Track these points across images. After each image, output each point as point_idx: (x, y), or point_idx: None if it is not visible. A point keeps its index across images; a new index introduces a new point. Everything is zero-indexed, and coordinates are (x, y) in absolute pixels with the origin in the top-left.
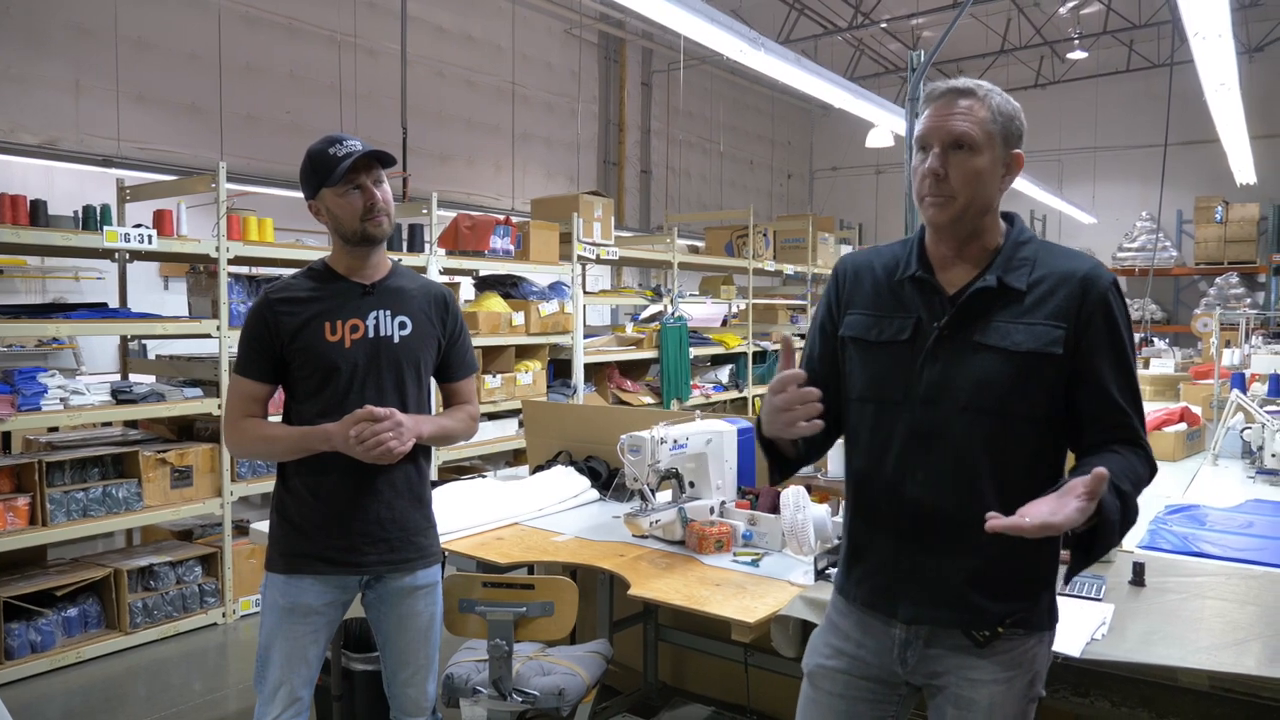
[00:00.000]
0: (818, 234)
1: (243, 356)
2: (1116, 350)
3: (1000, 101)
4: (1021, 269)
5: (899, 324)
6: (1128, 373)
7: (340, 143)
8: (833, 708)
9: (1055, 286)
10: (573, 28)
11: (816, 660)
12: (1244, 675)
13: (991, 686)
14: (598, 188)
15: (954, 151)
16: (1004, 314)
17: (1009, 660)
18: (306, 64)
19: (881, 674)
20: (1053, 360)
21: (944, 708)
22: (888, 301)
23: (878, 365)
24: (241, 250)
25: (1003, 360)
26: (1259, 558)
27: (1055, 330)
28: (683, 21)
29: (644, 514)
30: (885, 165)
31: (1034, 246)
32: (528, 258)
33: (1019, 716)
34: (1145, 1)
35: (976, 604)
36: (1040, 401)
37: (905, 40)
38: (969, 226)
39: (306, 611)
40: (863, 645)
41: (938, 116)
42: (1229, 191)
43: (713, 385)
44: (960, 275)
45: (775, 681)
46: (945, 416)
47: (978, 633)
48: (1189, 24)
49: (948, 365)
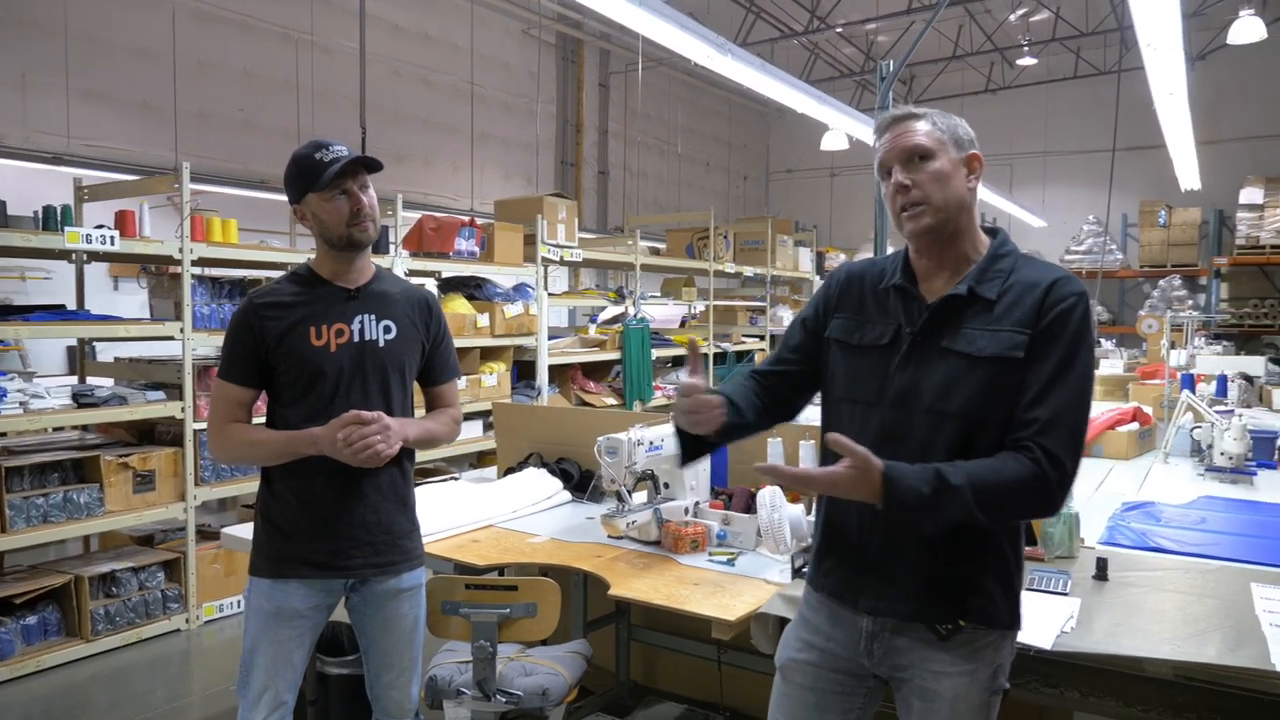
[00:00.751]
0: (776, 236)
1: (227, 361)
2: (1056, 351)
3: (939, 115)
4: (995, 280)
5: (880, 329)
6: (1064, 379)
7: (326, 148)
8: (803, 700)
9: (1022, 294)
10: (530, 28)
11: (788, 654)
12: (1205, 664)
13: (955, 679)
14: (556, 189)
15: (912, 163)
16: (974, 322)
17: (971, 653)
18: (261, 61)
19: (850, 666)
20: (1015, 364)
21: (910, 699)
22: (872, 308)
23: (856, 368)
24: (205, 251)
25: (966, 365)
26: (1214, 552)
27: (1019, 336)
28: (652, 27)
29: (621, 515)
30: (840, 168)
31: (1012, 260)
32: (492, 259)
33: (982, 707)
34: (1092, 10)
35: (937, 599)
36: (1003, 406)
37: (860, 45)
38: (947, 230)
39: (292, 615)
40: (832, 638)
41: (890, 141)
42: (1172, 196)
43: (674, 386)
44: (941, 285)
45: (748, 679)
46: (911, 419)
47: (940, 626)
48: (1141, 35)
49: (917, 370)
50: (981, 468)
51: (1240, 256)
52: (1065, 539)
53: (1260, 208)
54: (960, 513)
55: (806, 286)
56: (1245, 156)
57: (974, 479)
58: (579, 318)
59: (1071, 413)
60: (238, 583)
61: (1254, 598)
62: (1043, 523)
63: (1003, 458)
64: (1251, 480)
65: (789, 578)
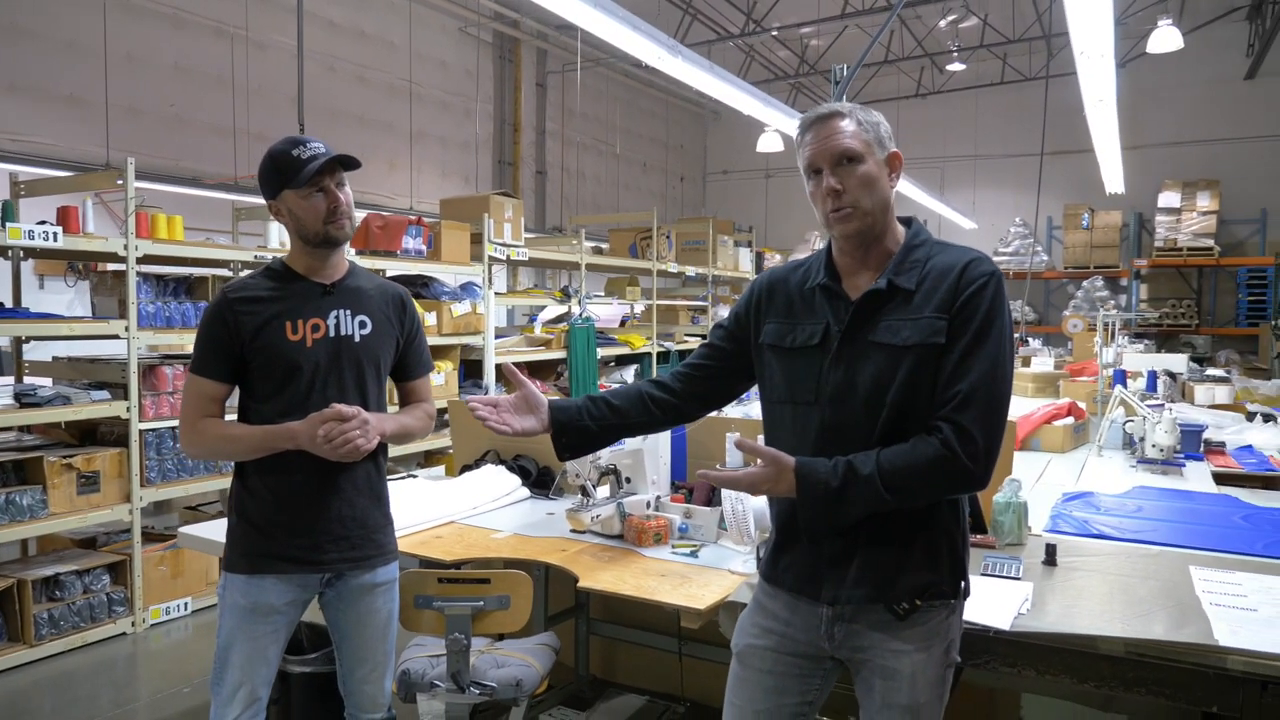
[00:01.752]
0: (718, 237)
1: (200, 356)
2: (973, 335)
3: (863, 114)
4: (912, 270)
5: (810, 330)
6: (978, 356)
7: (304, 145)
8: (761, 684)
9: (939, 280)
10: (467, 26)
11: (746, 640)
12: (1155, 641)
13: (913, 656)
14: (494, 188)
15: (842, 166)
16: (895, 314)
17: (926, 631)
18: (192, 56)
19: (809, 650)
20: (937, 350)
21: (870, 679)
22: (800, 310)
23: (792, 369)
24: (151, 249)
25: (892, 356)
26: (1151, 538)
27: (939, 321)
28: (604, 27)
29: (585, 509)
30: (775, 169)
31: (927, 248)
32: (439, 258)
33: (939, 681)
34: (1019, 18)
35: (893, 582)
36: (931, 392)
37: (794, 48)
38: (874, 231)
39: (269, 611)
40: (791, 624)
41: (818, 140)
42: (1094, 199)
43: (619, 385)
44: (865, 281)
45: (708, 669)
46: (851, 414)
47: (897, 606)
48: (1075, 43)
49: (849, 366)
50: (894, 454)
51: (1159, 258)
52: (1015, 527)
53: (1177, 211)
54: (873, 500)
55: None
56: (1163, 161)
57: (883, 466)
58: (518, 317)
59: (985, 388)
60: (185, 585)
61: (1193, 579)
62: (994, 512)
63: (916, 441)
64: (1181, 471)
65: (754, 567)
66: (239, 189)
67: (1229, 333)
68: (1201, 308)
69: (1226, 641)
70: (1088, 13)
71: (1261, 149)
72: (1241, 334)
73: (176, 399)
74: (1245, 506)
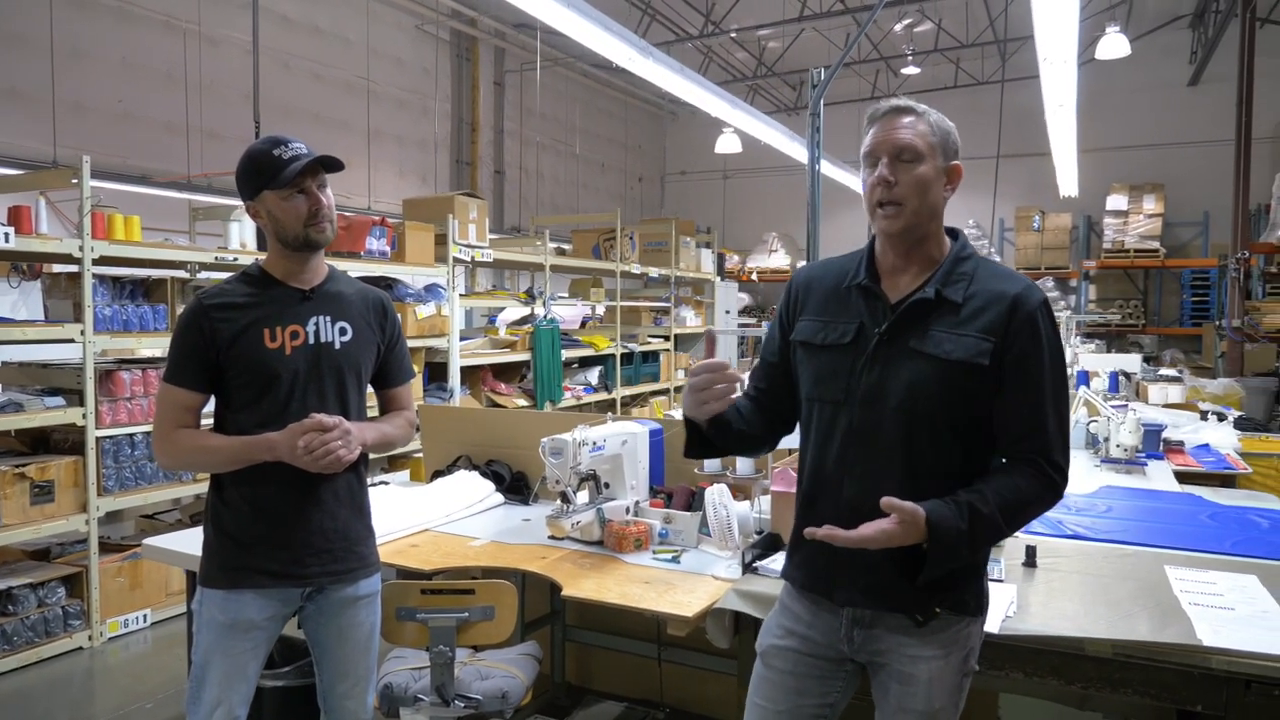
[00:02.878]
0: (680, 238)
1: (175, 365)
2: (1037, 368)
3: (937, 118)
4: (959, 283)
5: (843, 328)
6: (1047, 390)
7: (285, 144)
8: (783, 684)
9: (988, 303)
10: (424, 23)
11: (769, 640)
12: (1141, 642)
13: (931, 663)
14: (452, 188)
15: (900, 162)
16: (939, 324)
17: (946, 639)
18: (141, 51)
19: (829, 652)
20: (978, 371)
21: (887, 683)
22: (835, 308)
23: (822, 367)
24: (108, 250)
25: (933, 366)
26: (1124, 537)
27: (984, 343)
28: (575, 27)
29: (566, 516)
30: (733, 171)
31: (973, 263)
32: (403, 259)
33: (955, 689)
34: (972, 23)
35: (913, 590)
36: (965, 409)
37: (752, 50)
38: (917, 234)
39: (248, 627)
40: (813, 626)
41: (883, 131)
42: (1045, 202)
43: (583, 387)
44: (904, 284)
45: (688, 675)
46: (880, 417)
47: (917, 614)
48: (1040, 48)
49: (884, 369)
50: (1002, 489)
51: (1107, 260)
52: None
53: (1125, 214)
54: (994, 537)
55: (709, 287)
56: (1110, 165)
57: (1000, 503)
58: (476, 319)
59: (1064, 422)
60: (144, 596)
61: (1169, 579)
62: None
63: (1015, 474)
64: (1144, 470)
65: (739, 573)
66: (193, 188)
67: (1174, 332)
68: (1148, 308)
69: (1210, 641)
70: (1053, 19)
71: (1204, 153)
72: (1186, 334)
73: (134, 405)
74: (1210, 505)
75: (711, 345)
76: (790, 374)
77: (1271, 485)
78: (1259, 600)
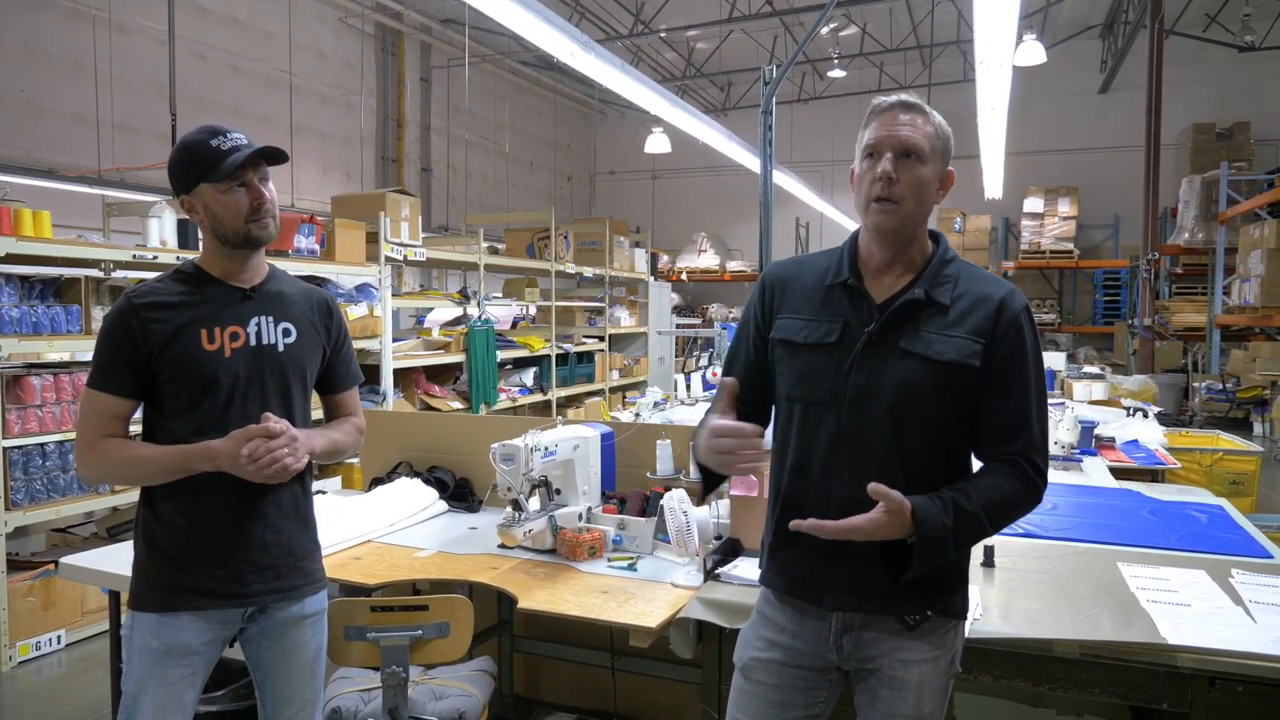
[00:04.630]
0: (614, 237)
1: (101, 369)
2: (1023, 370)
3: (939, 121)
4: (946, 285)
5: (826, 327)
6: (1031, 392)
7: (223, 135)
8: (767, 698)
9: (975, 305)
10: (348, 16)
11: (750, 654)
12: (1108, 642)
13: (921, 666)
14: (377, 185)
15: (903, 160)
16: (928, 325)
17: (935, 641)
18: (46, 38)
19: (815, 662)
20: (969, 371)
21: (876, 689)
22: (816, 306)
23: (805, 367)
24: (15, 247)
25: (925, 367)
26: (1074, 534)
27: (974, 344)
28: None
29: (517, 524)
30: (661, 171)
31: (957, 265)
32: (333, 258)
33: (943, 691)
34: (896, 29)
35: (904, 591)
36: (953, 409)
37: (680, 50)
38: (907, 234)
39: (184, 652)
40: (798, 635)
41: (889, 127)
42: (966, 204)
43: (518, 389)
44: (888, 283)
45: (640, 683)
46: (870, 418)
47: (909, 617)
48: (978, 52)
49: (873, 370)
50: (985, 489)
51: (1024, 261)
52: None
53: (1041, 216)
54: (977, 535)
55: (642, 287)
56: (1027, 169)
57: (984, 502)
58: (404, 320)
59: (1045, 425)
60: (58, 616)
61: (1124, 576)
62: None
63: (998, 474)
64: (1080, 466)
65: (698, 579)
66: (104, 183)
67: (1087, 331)
68: (1063, 307)
69: (1174, 639)
70: (995, 25)
71: (1114, 158)
72: (1099, 332)
73: (46, 413)
74: (1150, 501)
75: (731, 397)
76: (769, 374)
77: (1195, 479)
78: (1212, 596)
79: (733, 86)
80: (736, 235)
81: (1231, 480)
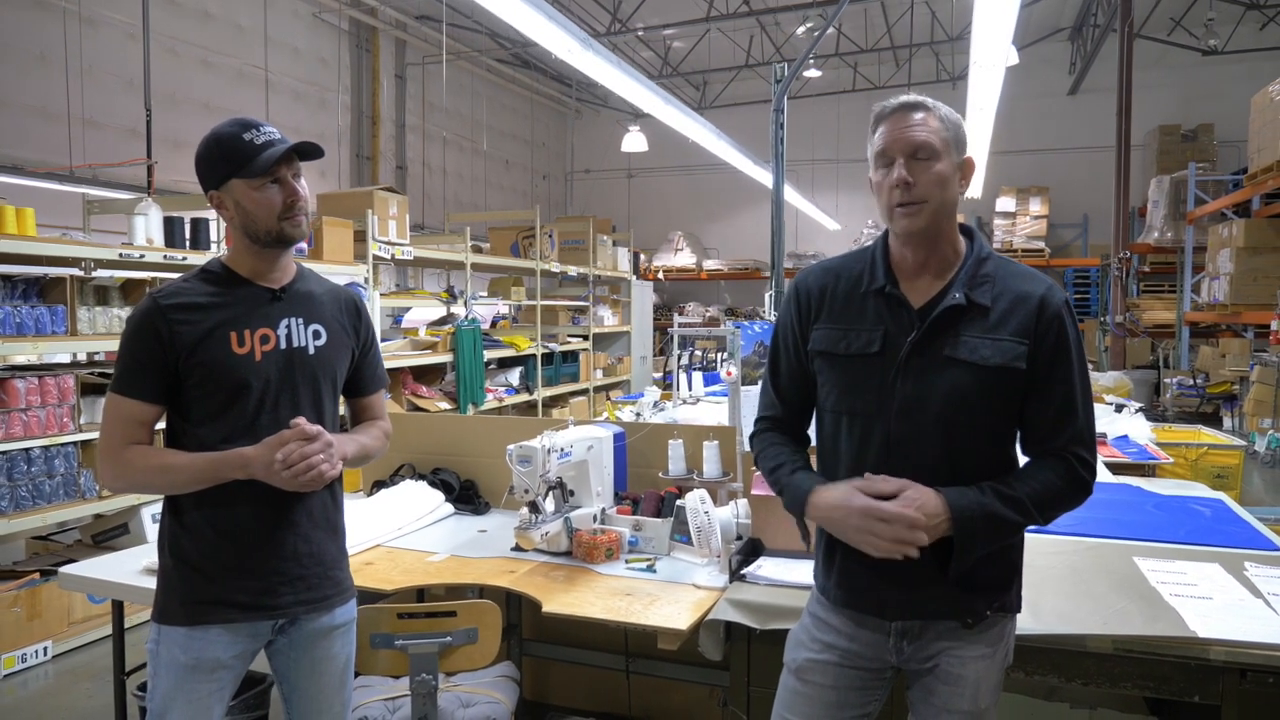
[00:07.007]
0: (597, 236)
1: (126, 374)
2: (1067, 365)
3: (946, 112)
4: (985, 285)
5: (867, 336)
6: (1075, 388)
7: (256, 128)
8: (821, 698)
9: (1015, 305)
10: (322, 12)
11: (804, 655)
12: (1140, 636)
13: (979, 662)
14: (352, 183)
15: (916, 160)
16: (971, 329)
17: (992, 637)
18: (11, 30)
19: (872, 663)
20: (1015, 374)
21: (933, 685)
22: (854, 315)
23: (848, 378)
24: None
25: (972, 374)
26: (1085, 529)
27: (1019, 346)
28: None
29: (534, 526)
30: (637, 169)
31: (993, 263)
32: (321, 257)
33: (998, 685)
34: (870, 29)
35: (964, 595)
36: (1003, 412)
37: (658, 49)
38: (938, 232)
39: (214, 666)
40: (855, 639)
41: (895, 129)
42: None
43: (504, 389)
44: (925, 286)
45: (653, 685)
46: (919, 427)
47: (969, 618)
48: (974, 52)
49: (920, 378)
50: (1029, 477)
51: None
52: None
53: (1013, 215)
54: (1024, 519)
55: (625, 286)
56: (999, 169)
57: (1027, 490)
58: (381, 319)
59: (1091, 419)
60: (44, 627)
61: (1142, 570)
62: None
63: (1042, 467)
64: None
65: (720, 580)
66: (76, 180)
67: None
68: None
69: (1203, 632)
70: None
71: (1083, 159)
72: None
73: (31, 416)
74: (1152, 496)
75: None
76: (811, 382)
77: (1182, 474)
78: (1231, 589)
79: (708, 85)
80: (712, 234)
81: (1216, 474)
